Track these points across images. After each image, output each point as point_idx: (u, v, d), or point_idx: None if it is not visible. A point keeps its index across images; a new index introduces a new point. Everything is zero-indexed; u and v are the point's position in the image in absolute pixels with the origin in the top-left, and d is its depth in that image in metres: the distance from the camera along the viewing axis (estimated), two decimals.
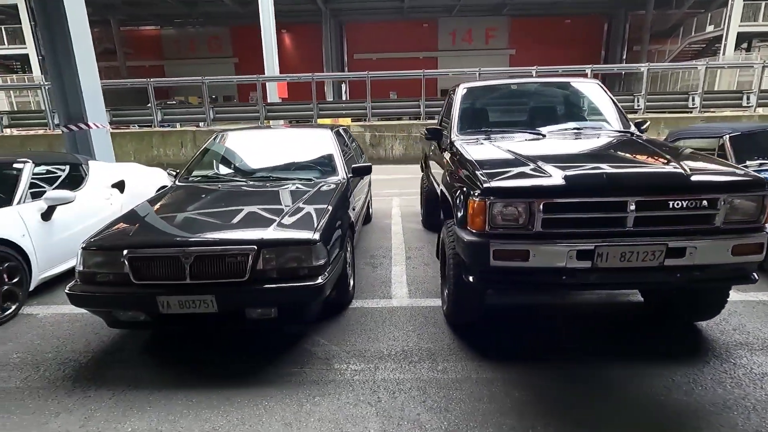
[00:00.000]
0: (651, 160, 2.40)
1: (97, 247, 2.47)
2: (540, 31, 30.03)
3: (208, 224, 2.62)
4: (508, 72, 14.21)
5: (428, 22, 30.68)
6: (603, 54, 30.89)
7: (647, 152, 2.57)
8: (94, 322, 3.02)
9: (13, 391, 2.27)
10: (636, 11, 28.30)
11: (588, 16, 29.92)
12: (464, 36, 31.47)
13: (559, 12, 28.91)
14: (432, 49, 31.30)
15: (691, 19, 24.93)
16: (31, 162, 3.76)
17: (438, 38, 31.45)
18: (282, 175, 3.52)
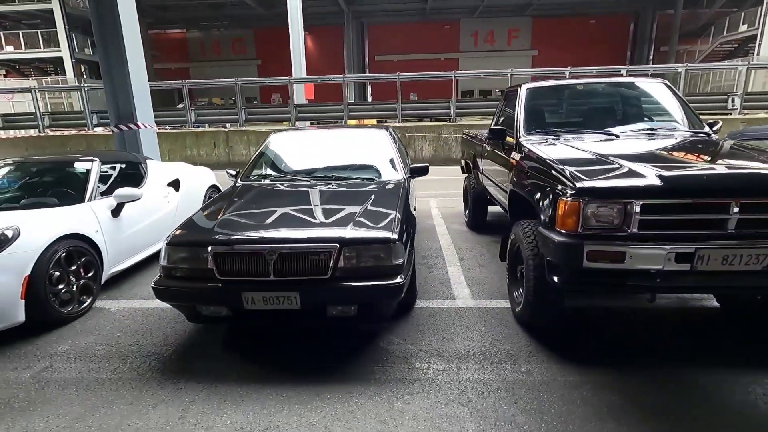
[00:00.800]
0: (745, 160, 2.34)
1: (182, 243, 2.53)
2: (564, 31, 29.65)
3: (287, 222, 2.65)
4: (541, 73, 13.99)
5: (450, 24, 30.59)
6: (629, 54, 30.31)
7: (737, 153, 2.50)
8: (167, 316, 3.10)
9: (107, 381, 2.34)
10: (664, 10, 27.68)
11: (613, 16, 29.40)
12: (486, 37, 31.25)
13: (584, 12, 28.49)
14: (453, 51, 31.17)
15: (723, 19, 24.25)
16: (98, 160, 3.88)
17: (460, 39, 31.30)
18: (343, 174, 3.54)
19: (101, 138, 11.68)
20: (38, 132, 12.03)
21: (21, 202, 3.51)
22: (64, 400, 2.18)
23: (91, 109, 11.84)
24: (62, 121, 12.58)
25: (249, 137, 11.36)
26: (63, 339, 2.81)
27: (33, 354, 2.64)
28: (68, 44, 22.52)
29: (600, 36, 29.87)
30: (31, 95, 11.88)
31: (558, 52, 28.50)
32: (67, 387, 2.29)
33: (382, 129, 4.13)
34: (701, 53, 25.92)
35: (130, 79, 6.01)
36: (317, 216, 2.74)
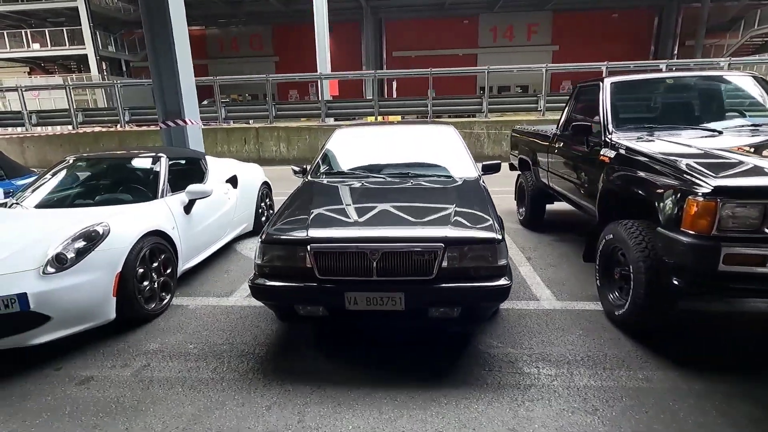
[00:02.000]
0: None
1: (278, 241, 2.47)
2: (585, 26, 29.12)
3: (384, 221, 2.57)
4: (576, 69, 13.64)
5: (468, 19, 30.25)
6: (652, 49, 29.67)
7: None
8: (247, 314, 3.06)
9: (210, 381, 2.30)
10: (690, 4, 27.00)
11: (637, 10, 28.76)
12: (505, 32, 30.85)
13: (606, 5, 27.94)
14: (472, 46, 30.83)
15: (754, 11, 23.54)
16: (166, 156, 3.86)
17: (478, 35, 30.96)
18: (418, 171, 3.46)
19: (133, 134, 11.77)
20: (72, 129, 12.18)
21: (96, 199, 3.50)
22: (173, 401, 2.15)
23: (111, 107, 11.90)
24: (95, 117, 12.71)
25: (279, 133, 11.35)
26: (151, 337, 2.78)
27: (126, 352, 2.61)
28: (93, 41, 22.78)
29: (623, 30, 29.27)
30: (66, 92, 12.03)
31: (579, 48, 28.05)
32: (173, 387, 2.26)
33: (448, 125, 4.03)
34: (730, 47, 25.21)
35: (179, 76, 6.01)
36: (411, 215, 2.66)
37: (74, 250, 2.57)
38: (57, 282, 2.45)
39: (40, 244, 2.59)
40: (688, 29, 27.80)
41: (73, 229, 2.71)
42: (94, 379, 2.34)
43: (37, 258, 2.50)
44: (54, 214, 3.14)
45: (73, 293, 2.49)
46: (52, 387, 2.29)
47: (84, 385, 2.30)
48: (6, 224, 3.00)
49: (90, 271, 2.57)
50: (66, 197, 3.57)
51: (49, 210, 3.25)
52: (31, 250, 2.55)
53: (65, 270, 2.50)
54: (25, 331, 2.39)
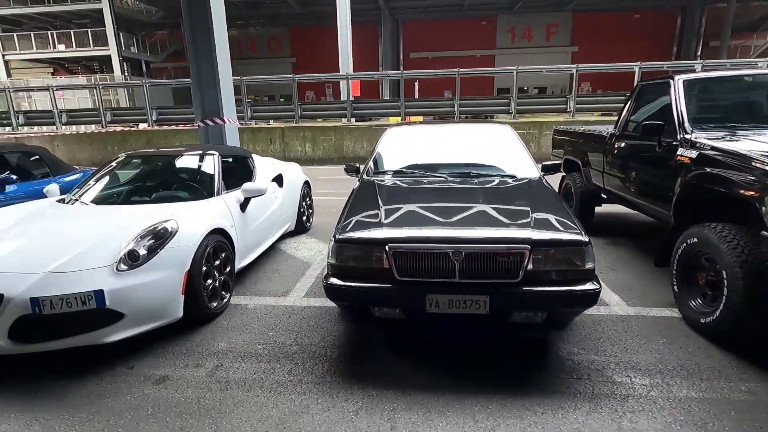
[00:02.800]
0: None
1: (354, 240, 2.41)
2: (606, 26, 28.73)
3: (463, 221, 2.49)
4: (605, 69, 13.37)
5: (486, 20, 30.06)
6: (675, 50, 29.12)
7: None
8: (310, 315, 3.00)
9: (288, 384, 2.24)
10: (714, 4, 26.44)
11: (659, 10, 28.26)
12: (524, 33, 30.59)
13: (628, 6, 27.51)
14: (490, 47, 30.62)
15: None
16: (218, 154, 3.83)
17: (496, 36, 30.74)
18: (479, 171, 3.37)
19: (160, 134, 11.88)
20: (101, 127, 12.35)
21: (152, 196, 3.48)
22: (255, 404, 2.09)
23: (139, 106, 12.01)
24: (122, 116, 12.86)
25: (305, 133, 11.35)
26: (217, 336, 2.74)
27: (195, 351, 2.57)
28: (116, 43, 23.13)
29: (644, 31, 28.80)
30: (95, 92, 12.19)
31: (600, 49, 27.66)
32: (251, 389, 2.20)
33: (504, 124, 3.93)
34: (757, 48, 24.63)
35: (218, 76, 6.02)
36: (488, 215, 2.58)
37: (145, 247, 2.54)
38: (130, 279, 2.42)
39: (111, 241, 2.57)
40: (712, 30, 27.24)
41: (142, 226, 2.69)
42: (170, 379, 2.30)
43: (110, 255, 2.47)
44: (117, 210, 3.13)
45: (145, 291, 2.45)
46: (128, 386, 2.25)
47: (161, 385, 2.25)
48: (72, 220, 2.99)
49: (160, 269, 2.54)
50: (122, 194, 3.57)
51: (111, 207, 3.24)
52: (103, 246, 2.52)
53: (137, 267, 2.46)
54: (100, 329, 2.36)
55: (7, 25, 24.21)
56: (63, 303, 2.25)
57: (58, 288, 2.27)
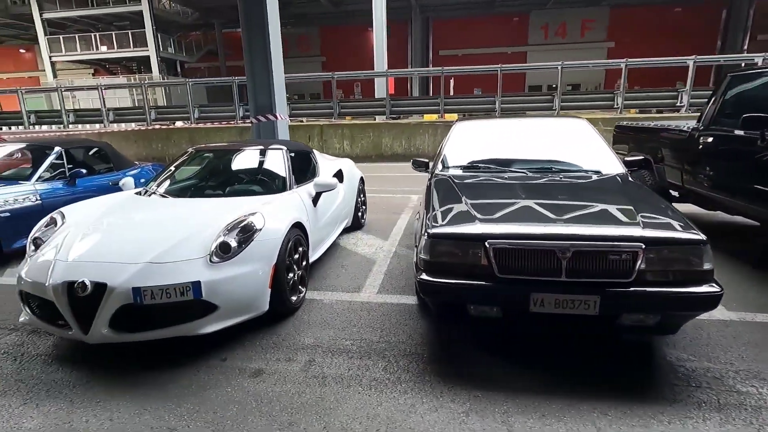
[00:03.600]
0: None
1: (451, 236, 2.32)
2: (644, 21, 27.73)
3: (563, 217, 2.37)
4: (656, 64, 12.76)
5: (519, 16, 29.51)
6: (719, 45, 27.81)
7: None
8: (389, 311, 2.95)
9: (387, 382, 2.18)
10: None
11: (702, 4, 27.02)
12: (557, 29, 29.88)
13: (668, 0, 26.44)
14: (521, 44, 30.08)
15: None
16: (286, 148, 3.83)
17: (528, 32, 30.16)
18: (561, 167, 3.24)
19: (202, 131, 12.12)
20: (146, 125, 12.72)
21: (227, 190, 3.50)
22: (359, 401, 2.04)
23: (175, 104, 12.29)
24: (166, 115, 13.22)
25: (343, 130, 11.36)
26: (301, 331, 2.71)
27: (283, 346, 2.54)
28: (155, 44, 23.83)
29: (686, 25, 27.65)
30: (142, 90, 12.57)
31: (637, 44, 26.71)
32: (350, 386, 2.16)
33: (580, 118, 3.77)
34: None
35: (272, 74, 6.07)
36: (589, 212, 2.45)
37: (236, 239, 2.53)
38: (223, 271, 2.41)
39: (201, 233, 2.57)
40: (761, 23, 25.90)
41: (227, 219, 2.68)
42: (265, 372, 2.28)
43: (203, 246, 2.48)
44: (198, 203, 3.15)
45: (237, 283, 2.45)
46: (226, 378, 2.24)
47: (258, 378, 2.23)
48: (157, 212, 3.02)
49: (250, 262, 2.52)
50: (197, 187, 3.60)
51: (190, 200, 3.27)
52: (195, 238, 2.53)
53: (230, 259, 2.46)
54: (196, 320, 2.37)
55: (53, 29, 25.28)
56: (163, 293, 2.26)
57: (158, 278, 2.29)
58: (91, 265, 2.34)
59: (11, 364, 2.42)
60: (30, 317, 2.51)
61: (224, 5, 26.27)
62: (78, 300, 2.26)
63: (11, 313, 3.06)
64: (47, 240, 2.68)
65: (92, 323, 2.26)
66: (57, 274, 2.31)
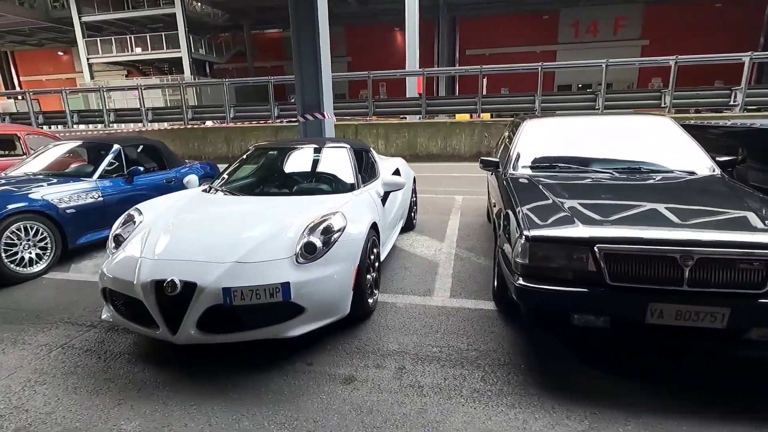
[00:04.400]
0: None
1: (552, 240, 2.17)
2: (681, 17, 26.76)
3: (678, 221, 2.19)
4: (707, 61, 12.21)
5: (549, 14, 28.93)
6: (762, 41, 26.60)
7: None
8: (470, 316, 2.82)
9: (490, 394, 2.05)
10: None
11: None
12: (588, 27, 29.14)
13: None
14: (551, 43, 29.46)
15: None
16: (349, 146, 3.74)
17: (558, 31, 29.51)
18: (651, 167, 3.04)
19: (237, 130, 12.25)
20: (183, 124, 12.94)
21: (294, 188, 3.42)
22: (465, 414, 1.91)
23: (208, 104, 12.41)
24: (202, 114, 13.42)
25: (378, 130, 11.27)
26: (382, 336, 2.60)
27: (368, 351, 2.44)
28: (187, 45, 24.32)
29: (725, 22, 26.59)
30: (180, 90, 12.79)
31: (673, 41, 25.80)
32: (451, 396, 2.03)
33: (663, 116, 3.56)
34: None
35: (321, 72, 6.03)
36: (702, 216, 2.27)
37: (321, 240, 2.44)
38: (310, 272, 2.33)
39: (283, 233, 2.50)
40: None
41: (307, 218, 2.60)
42: (357, 380, 2.18)
43: (287, 246, 2.40)
44: (272, 201, 3.08)
45: (323, 284, 2.36)
46: (317, 384, 2.15)
47: (350, 386, 2.13)
48: (232, 210, 2.97)
49: (335, 263, 2.43)
50: (264, 185, 3.55)
51: (261, 198, 3.21)
52: (278, 237, 2.46)
53: (315, 260, 2.37)
54: (283, 322, 2.29)
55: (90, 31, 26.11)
56: (253, 294, 2.19)
57: (246, 278, 2.21)
58: (179, 264, 2.29)
59: (96, 362, 2.40)
60: (114, 315, 2.48)
61: (253, 7, 26.64)
62: (166, 299, 2.21)
63: (85, 309, 3.07)
64: (128, 237, 2.66)
65: (181, 323, 2.21)
66: (144, 273, 2.27)
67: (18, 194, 3.74)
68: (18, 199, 3.67)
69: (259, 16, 28.89)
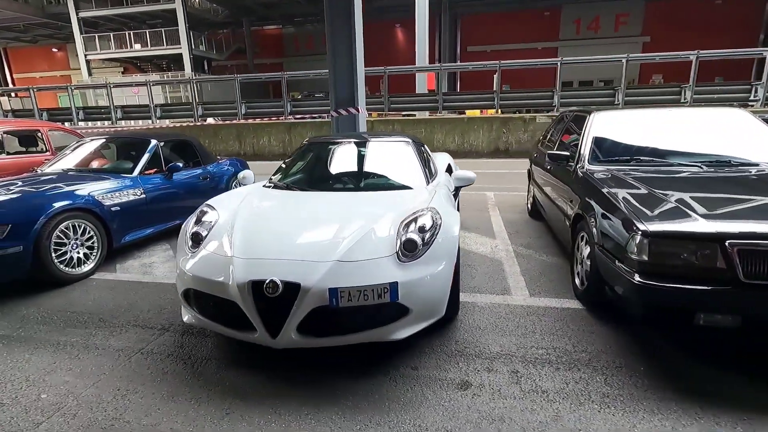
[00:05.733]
0: None
1: (676, 235, 2.06)
2: (682, 14, 26.87)
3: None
4: (729, 55, 12.14)
5: (550, 11, 28.95)
6: (762, 38, 26.79)
7: None
8: (562, 316, 2.70)
9: (620, 398, 1.93)
10: None
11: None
12: (590, 24, 29.21)
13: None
14: (552, 39, 29.48)
15: None
16: (411, 140, 3.61)
17: (560, 27, 29.54)
18: (741, 160, 2.95)
19: (250, 127, 12.04)
20: (193, 121, 12.70)
21: (362, 184, 3.27)
22: (609, 422, 1.79)
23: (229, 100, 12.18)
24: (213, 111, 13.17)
25: (394, 126, 11.13)
26: (477, 337, 2.48)
27: (469, 354, 2.32)
28: (187, 42, 23.95)
29: (727, 19, 26.76)
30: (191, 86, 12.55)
31: (674, 38, 25.92)
32: (582, 402, 1.91)
33: (738, 108, 3.47)
34: None
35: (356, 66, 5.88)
36: None
37: (420, 237, 2.31)
38: (414, 271, 2.19)
39: (377, 229, 2.36)
40: None
41: (400, 214, 2.47)
42: (473, 385, 2.05)
43: (386, 244, 2.26)
44: (347, 197, 2.94)
45: (426, 284, 2.22)
46: (431, 390, 2.02)
47: (467, 391, 2.01)
48: (310, 206, 2.82)
49: (435, 261, 2.29)
50: (329, 179, 3.39)
51: (335, 193, 3.06)
52: (373, 235, 2.32)
53: (416, 258, 2.23)
54: (388, 324, 2.15)
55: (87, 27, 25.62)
56: (361, 295, 2.05)
57: (351, 278, 2.07)
58: (277, 263, 2.14)
59: (184, 368, 2.25)
60: (198, 318, 2.33)
61: (254, 3, 26.31)
62: (265, 301, 2.07)
63: (150, 311, 2.92)
64: (206, 235, 2.50)
65: (282, 326, 2.06)
66: (240, 273, 2.12)
67: (64, 191, 3.56)
68: (65, 197, 3.49)
69: (260, 12, 28.54)
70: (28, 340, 2.58)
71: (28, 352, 2.43)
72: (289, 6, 27.60)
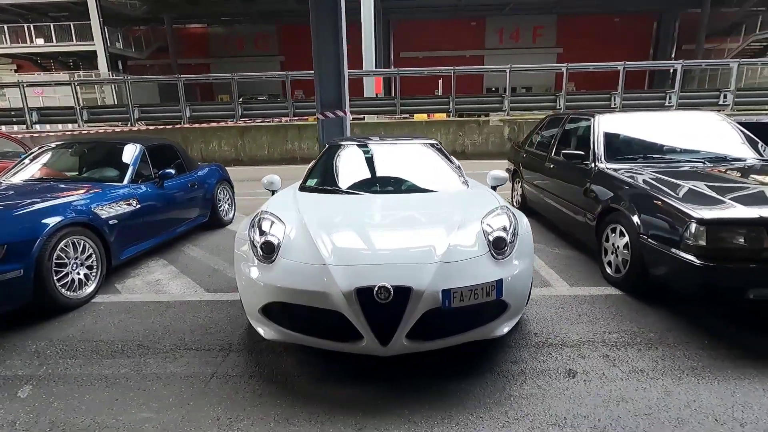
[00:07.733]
0: None
1: (732, 222, 2.38)
2: (588, 29, 30.02)
3: None
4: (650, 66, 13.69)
5: (476, 21, 30.72)
6: (651, 53, 30.85)
7: None
8: (611, 303, 2.91)
9: (706, 368, 2.14)
10: (687, 10, 28.21)
11: (637, 15, 29.82)
12: (512, 34, 31.50)
13: (608, 10, 28.87)
14: (479, 48, 31.29)
15: (755, 17, 24.80)
16: (437, 142, 3.66)
17: (485, 37, 31.49)
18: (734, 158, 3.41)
19: (197, 131, 11.22)
20: (129, 125, 11.51)
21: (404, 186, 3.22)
22: (714, 391, 1.97)
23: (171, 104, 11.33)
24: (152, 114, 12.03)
25: (355, 130, 11.07)
26: (549, 329, 2.59)
27: (552, 344, 2.42)
28: (102, 38, 21.70)
29: (624, 34, 30.38)
30: (125, 86, 11.34)
31: (583, 50, 28.83)
32: (681, 377, 2.09)
33: (713, 112, 3.99)
34: (730, 51, 26.45)
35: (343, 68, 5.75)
36: None
37: (505, 233, 2.36)
38: (510, 268, 2.23)
39: (462, 229, 2.36)
40: (687, 34, 29.05)
41: (476, 214, 2.50)
42: (578, 372, 2.15)
43: (478, 243, 2.28)
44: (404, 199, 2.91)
45: (520, 280, 2.26)
46: (545, 382, 2.08)
47: (577, 378, 2.10)
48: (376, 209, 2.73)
49: (522, 257, 2.34)
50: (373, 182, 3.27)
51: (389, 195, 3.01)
52: (461, 234, 2.32)
53: (507, 255, 2.28)
54: (491, 321, 2.18)
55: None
56: (471, 294, 2.05)
57: (458, 278, 2.06)
58: (380, 268, 2.05)
59: (276, 388, 2.06)
60: (285, 333, 2.15)
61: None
62: (373, 307, 1.98)
63: (194, 332, 2.63)
64: (278, 244, 2.31)
65: (394, 333, 1.99)
66: (342, 280, 2.01)
67: (59, 204, 3.08)
68: (62, 209, 3.02)
69: (183, 8, 26.68)
70: (61, 377, 2.20)
71: (74, 391, 2.08)
72: (215, 4, 26.17)
